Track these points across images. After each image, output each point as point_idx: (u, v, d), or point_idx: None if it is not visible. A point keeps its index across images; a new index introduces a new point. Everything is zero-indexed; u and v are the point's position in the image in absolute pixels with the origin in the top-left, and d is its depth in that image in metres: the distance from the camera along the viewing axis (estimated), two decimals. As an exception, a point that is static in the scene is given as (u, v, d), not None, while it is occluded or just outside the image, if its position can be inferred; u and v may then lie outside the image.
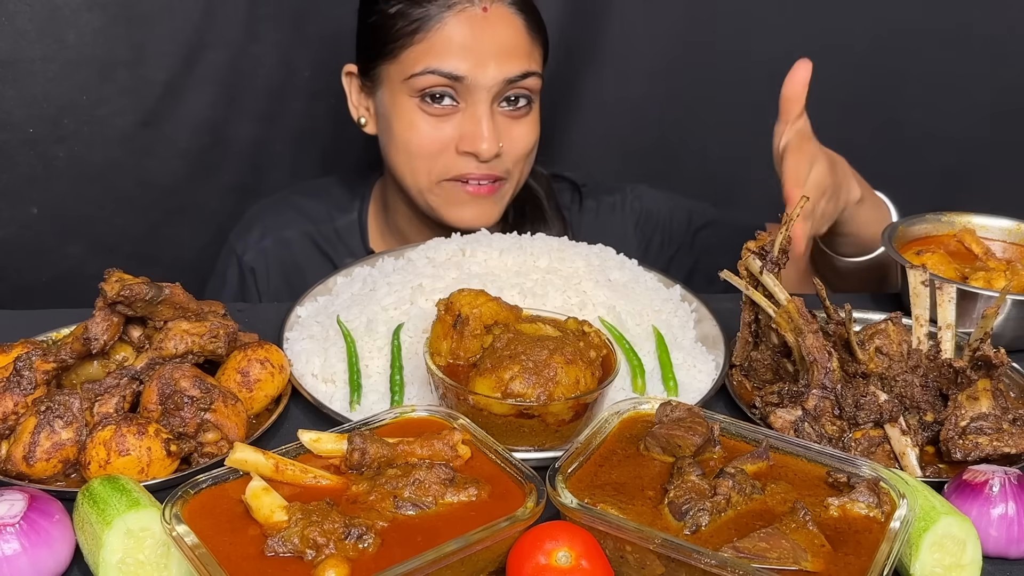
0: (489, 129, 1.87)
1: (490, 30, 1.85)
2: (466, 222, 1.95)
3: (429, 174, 1.93)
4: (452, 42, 1.85)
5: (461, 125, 1.89)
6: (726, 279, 1.45)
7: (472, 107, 1.88)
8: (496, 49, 1.85)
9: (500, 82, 1.86)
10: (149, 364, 1.34)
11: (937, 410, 1.36)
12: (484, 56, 1.85)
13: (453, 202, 1.95)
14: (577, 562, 1.04)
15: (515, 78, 1.88)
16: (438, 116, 1.89)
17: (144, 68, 2.25)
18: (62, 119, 2.23)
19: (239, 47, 2.32)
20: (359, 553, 1.02)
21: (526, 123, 1.95)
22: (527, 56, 1.90)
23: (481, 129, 1.87)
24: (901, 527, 1.08)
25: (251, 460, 1.10)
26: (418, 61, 1.86)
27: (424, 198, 1.97)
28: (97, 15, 2.18)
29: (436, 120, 1.89)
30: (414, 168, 1.94)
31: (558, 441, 1.30)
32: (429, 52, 1.85)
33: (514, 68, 1.87)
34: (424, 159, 1.92)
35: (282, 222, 2.17)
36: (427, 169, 1.93)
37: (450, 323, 1.34)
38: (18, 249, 2.32)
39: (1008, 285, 1.63)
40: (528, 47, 1.90)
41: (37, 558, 1.08)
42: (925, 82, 2.56)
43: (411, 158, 1.93)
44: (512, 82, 1.88)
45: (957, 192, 2.64)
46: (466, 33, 1.85)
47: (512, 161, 1.95)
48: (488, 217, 1.97)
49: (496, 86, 1.86)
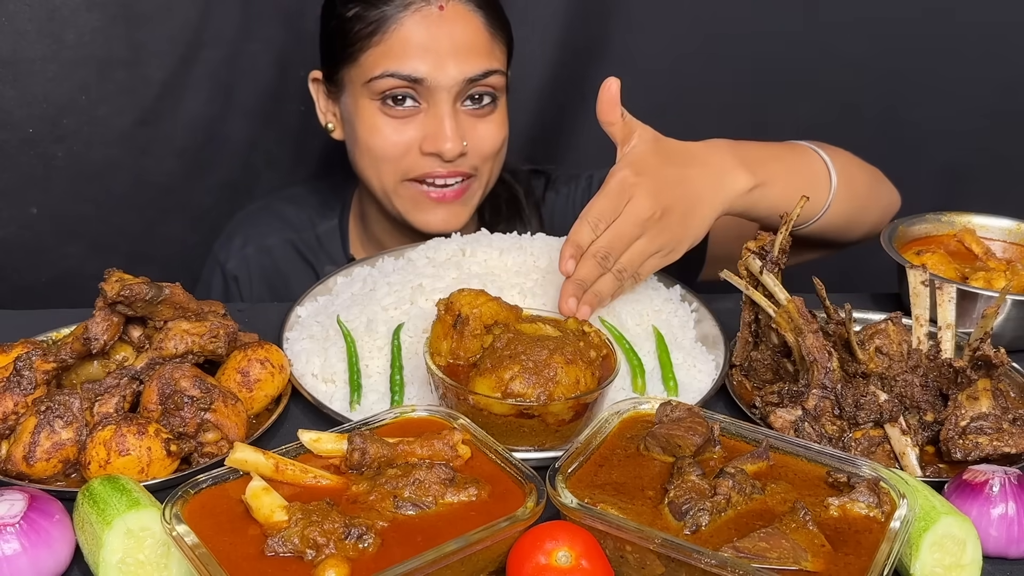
0: (452, 128, 1.85)
1: (447, 29, 1.83)
2: (433, 226, 1.94)
3: (394, 175, 1.92)
4: (409, 43, 1.83)
5: (424, 126, 1.88)
6: (726, 279, 1.46)
7: (434, 107, 1.86)
8: (454, 48, 1.84)
9: (460, 82, 1.85)
10: (149, 364, 1.34)
11: (937, 410, 1.36)
12: (442, 56, 1.83)
13: (419, 207, 1.94)
14: (577, 562, 1.04)
15: (476, 77, 1.86)
16: (400, 118, 1.88)
17: (142, 67, 2.25)
18: (61, 119, 2.23)
19: (236, 46, 2.32)
20: (359, 553, 1.02)
21: (491, 121, 1.93)
22: (487, 54, 1.88)
23: (444, 129, 1.85)
24: (901, 527, 1.08)
25: (251, 460, 1.10)
26: (376, 64, 1.85)
27: (391, 201, 1.95)
28: (96, 15, 2.18)
29: (398, 122, 1.88)
30: (379, 171, 1.93)
31: (558, 441, 1.30)
32: (387, 54, 1.84)
33: (474, 67, 1.85)
34: (388, 162, 1.91)
35: (264, 230, 2.17)
36: (392, 171, 1.91)
37: (450, 323, 1.34)
38: (18, 249, 2.32)
39: (1008, 285, 1.63)
40: (488, 44, 1.88)
41: (37, 558, 1.08)
42: (925, 82, 2.56)
43: (375, 161, 1.92)
44: (473, 81, 1.86)
45: (957, 192, 2.64)
46: (423, 33, 1.83)
47: (480, 159, 1.93)
48: (456, 220, 1.95)
49: (456, 86, 1.85)
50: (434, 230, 1.93)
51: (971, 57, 2.54)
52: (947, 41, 2.53)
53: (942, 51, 2.53)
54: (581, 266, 1.41)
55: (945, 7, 2.50)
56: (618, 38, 2.41)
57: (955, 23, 2.51)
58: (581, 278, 1.41)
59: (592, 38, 2.49)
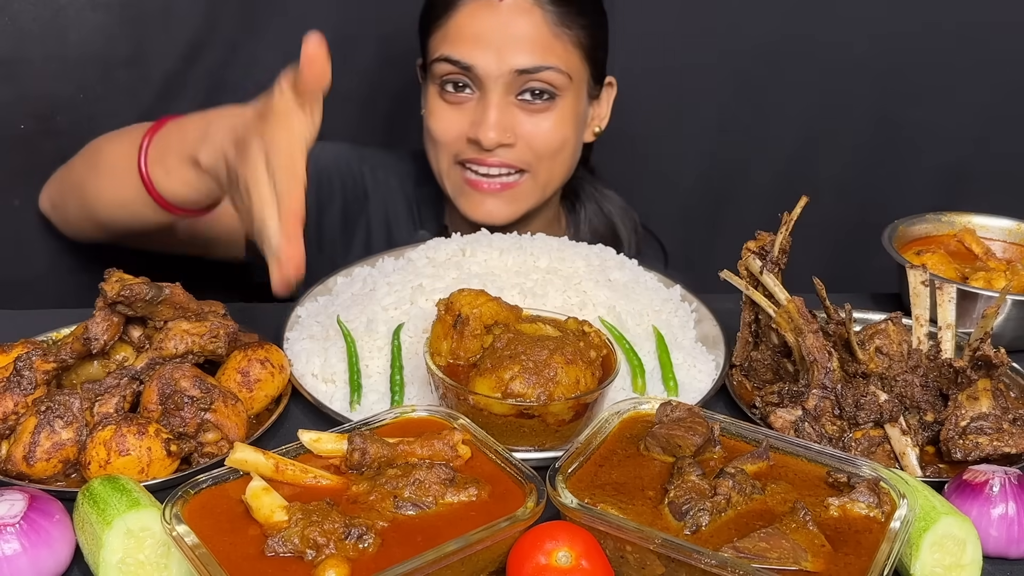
0: (495, 118, 1.87)
1: (504, 19, 1.85)
2: (477, 216, 1.95)
3: (447, 158, 1.96)
4: (464, 30, 1.86)
5: (474, 112, 1.90)
6: (726, 279, 1.46)
7: (484, 95, 1.88)
8: (508, 39, 1.85)
9: (509, 72, 1.85)
10: (149, 364, 1.34)
11: (937, 410, 1.36)
12: (494, 46, 1.85)
13: (464, 194, 1.96)
14: (577, 562, 1.04)
15: (528, 69, 1.86)
16: (455, 104, 1.91)
17: (143, 67, 2.25)
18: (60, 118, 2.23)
19: (238, 46, 2.32)
20: (359, 553, 1.02)
21: (547, 118, 1.92)
22: (545, 49, 1.87)
23: (487, 117, 1.87)
24: (901, 527, 1.08)
25: (251, 460, 1.10)
26: (436, 48, 1.90)
27: (444, 183, 1.99)
28: (101, 14, 2.18)
29: (454, 108, 1.92)
30: (436, 154, 1.97)
31: (558, 441, 1.30)
32: (445, 40, 1.88)
33: (525, 60, 1.86)
34: (444, 146, 1.94)
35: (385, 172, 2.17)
36: (445, 154, 1.95)
37: (450, 323, 1.34)
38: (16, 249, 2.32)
39: (1008, 285, 1.63)
40: (548, 40, 1.88)
41: (37, 558, 1.08)
42: (924, 82, 2.56)
43: (433, 144, 1.96)
44: (525, 73, 1.86)
45: (957, 192, 2.64)
46: (479, 22, 1.85)
47: (531, 155, 1.93)
48: (500, 214, 1.96)
49: (505, 76, 1.86)
50: (478, 219, 1.95)
51: (971, 57, 2.54)
52: (947, 41, 2.53)
53: (942, 51, 2.53)
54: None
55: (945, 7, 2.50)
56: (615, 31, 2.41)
57: (955, 23, 2.51)
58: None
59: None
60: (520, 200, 1.97)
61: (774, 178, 2.67)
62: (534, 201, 1.99)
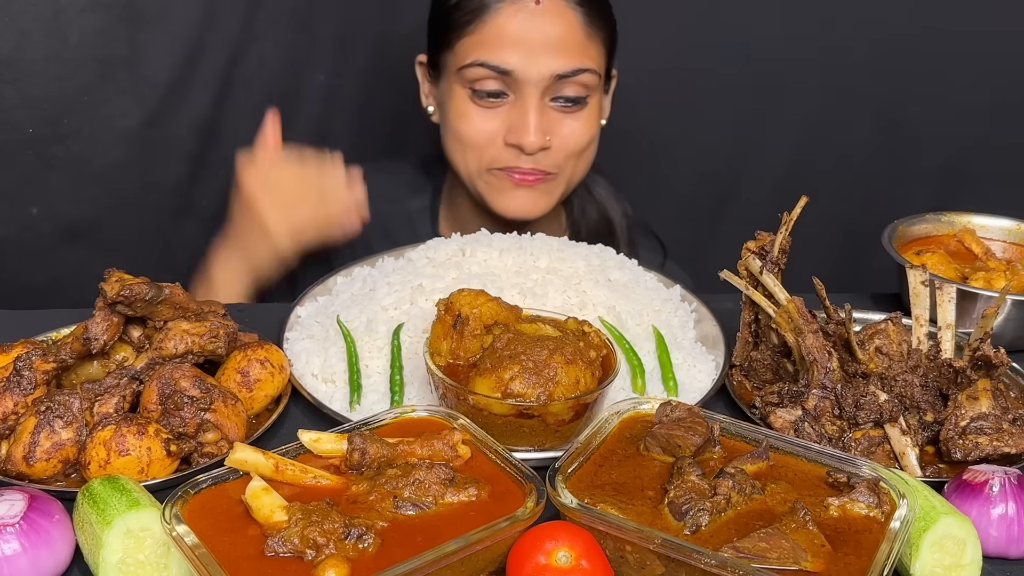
0: (536, 122, 1.87)
1: (541, 23, 1.85)
2: (513, 211, 1.96)
3: (479, 163, 1.95)
4: (502, 35, 1.85)
5: (509, 117, 1.90)
6: (726, 279, 1.46)
7: (521, 100, 1.88)
8: (546, 43, 1.85)
9: (549, 76, 1.86)
10: (149, 364, 1.34)
11: (937, 410, 1.36)
12: (533, 49, 1.84)
13: (500, 190, 1.96)
14: (577, 562, 1.04)
15: (566, 73, 1.87)
16: (488, 107, 1.90)
17: (145, 68, 2.25)
18: (63, 119, 2.23)
19: (241, 47, 2.32)
20: (359, 553, 1.02)
21: (579, 119, 1.93)
22: (580, 51, 1.88)
23: (528, 122, 1.87)
24: (901, 527, 1.08)
25: (251, 460, 1.10)
26: (469, 52, 1.88)
27: (474, 185, 1.99)
28: (101, 15, 2.18)
29: (486, 111, 1.91)
30: (465, 157, 1.96)
31: (558, 441, 1.30)
32: (480, 44, 1.87)
33: (565, 63, 1.86)
34: (474, 149, 1.94)
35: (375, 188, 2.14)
36: (476, 158, 1.95)
37: (450, 323, 1.34)
38: (18, 249, 2.32)
39: (1008, 285, 1.63)
40: (583, 42, 1.89)
41: (37, 558, 1.08)
42: (925, 82, 2.57)
43: (463, 148, 1.95)
44: (563, 77, 1.87)
45: (957, 192, 2.64)
46: (516, 26, 1.85)
47: (563, 156, 1.94)
48: (535, 207, 1.97)
49: (544, 80, 1.86)
50: (513, 215, 1.96)
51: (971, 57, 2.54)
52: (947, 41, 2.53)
53: (942, 51, 2.53)
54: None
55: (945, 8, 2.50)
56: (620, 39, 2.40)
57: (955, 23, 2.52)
58: None
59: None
60: (552, 192, 1.99)
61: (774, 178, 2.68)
62: (562, 194, 2.01)
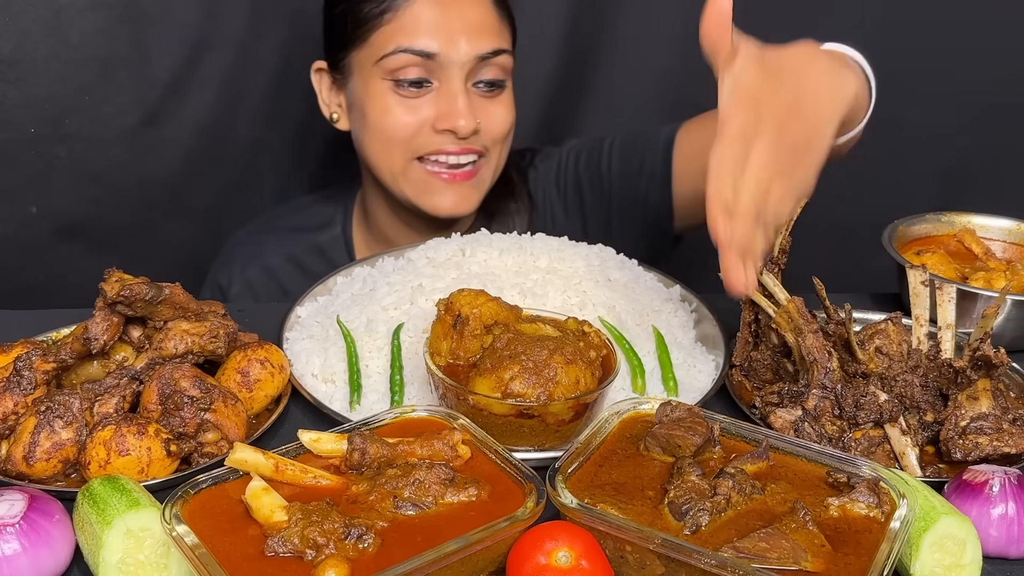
0: (465, 104, 1.86)
1: (458, 7, 1.86)
2: (444, 209, 1.94)
3: (404, 156, 1.92)
4: (421, 20, 1.85)
5: (436, 104, 1.88)
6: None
7: (447, 85, 1.87)
8: (466, 26, 1.86)
9: (472, 58, 1.86)
10: (149, 364, 1.34)
11: (937, 410, 1.36)
12: (454, 33, 1.85)
13: (428, 189, 1.94)
14: (577, 562, 1.04)
15: (487, 55, 1.87)
16: (412, 97, 1.88)
17: (146, 68, 2.26)
18: (64, 119, 2.23)
19: (242, 47, 2.32)
20: (359, 553, 1.02)
21: (501, 103, 1.94)
22: (497, 33, 1.90)
23: (458, 105, 1.86)
24: (901, 527, 1.08)
25: (251, 460, 1.10)
26: (388, 41, 1.86)
27: (399, 185, 1.95)
28: (102, 15, 2.18)
29: (410, 101, 1.89)
30: (389, 153, 1.92)
31: (558, 441, 1.30)
32: (399, 31, 1.85)
33: (485, 44, 1.87)
34: (399, 142, 1.91)
35: (263, 249, 2.15)
36: (402, 152, 1.91)
37: (450, 323, 1.34)
38: (18, 249, 2.32)
39: (1008, 285, 1.63)
40: (497, 25, 1.91)
41: (37, 558, 1.08)
42: (925, 81, 2.56)
43: (387, 143, 1.91)
44: (484, 59, 1.87)
45: (957, 192, 2.64)
46: (435, 11, 1.85)
47: (490, 140, 1.94)
48: (466, 203, 1.95)
49: (468, 63, 1.86)
50: (444, 213, 1.94)
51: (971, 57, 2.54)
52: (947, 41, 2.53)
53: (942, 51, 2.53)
54: (737, 228, 1.20)
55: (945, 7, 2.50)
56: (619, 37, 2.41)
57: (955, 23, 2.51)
58: (742, 241, 1.20)
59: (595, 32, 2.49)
60: (481, 186, 1.98)
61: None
62: (489, 185, 2.00)
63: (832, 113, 1.31)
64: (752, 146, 1.22)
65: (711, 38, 1.28)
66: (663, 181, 2.01)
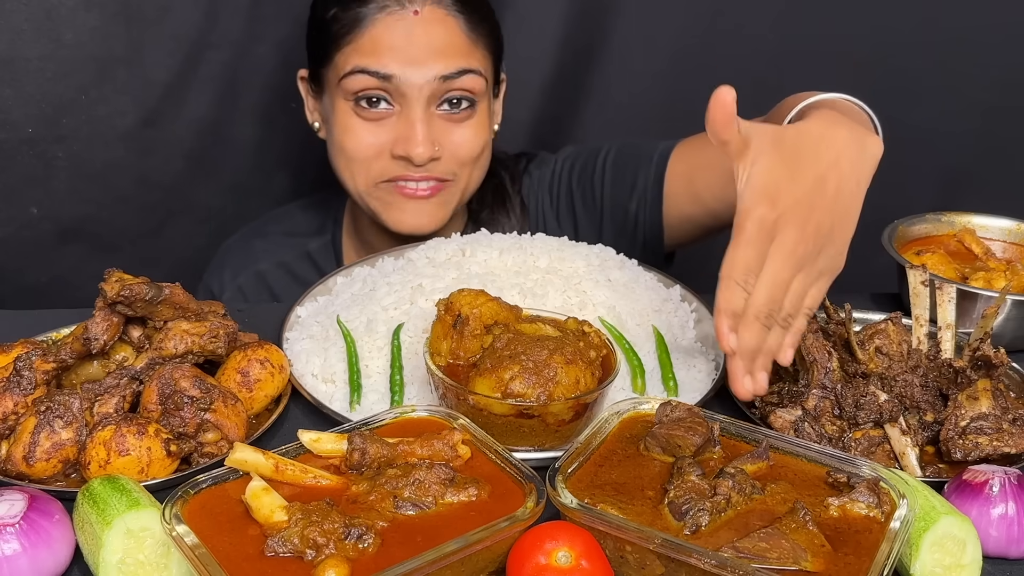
0: (423, 132, 1.82)
1: (421, 29, 1.81)
2: (407, 226, 1.91)
3: (367, 177, 1.89)
4: (381, 42, 1.81)
5: (396, 128, 1.85)
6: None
7: (407, 109, 1.83)
8: (428, 48, 1.81)
9: (432, 80, 1.81)
10: (149, 364, 1.34)
11: (937, 410, 1.36)
12: (415, 55, 1.80)
13: (391, 205, 1.91)
14: (577, 562, 1.04)
15: (450, 75, 1.82)
16: (373, 120, 1.85)
17: (144, 68, 2.25)
18: (61, 119, 2.23)
19: (241, 47, 2.31)
20: (359, 553, 1.02)
21: (469, 126, 1.89)
22: (463, 54, 1.84)
23: (415, 132, 1.82)
24: (901, 527, 1.08)
25: (251, 460, 1.10)
26: (348, 61, 1.83)
27: (365, 202, 1.93)
28: (95, 14, 2.18)
29: (371, 124, 1.85)
30: (353, 173, 1.90)
31: (558, 441, 1.30)
32: (358, 51, 1.82)
33: (448, 65, 1.82)
34: (360, 163, 1.88)
35: (254, 257, 2.14)
36: (364, 172, 1.89)
37: (450, 323, 1.34)
38: (17, 249, 2.32)
39: (1008, 285, 1.63)
40: (466, 46, 1.85)
41: (37, 558, 1.08)
42: (925, 82, 2.56)
43: (349, 162, 1.89)
44: (448, 79, 1.82)
45: (957, 192, 2.64)
46: (396, 33, 1.81)
47: (456, 164, 1.90)
48: (431, 221, 1.92)
49: (428, 85, 1.82)
50: (407, 230, 1.90)
51: (971, 56, 2.54)
52: (947, 40, 2.53)
53: (942, 51, 2.53)
54: (744, 334, 1.19)
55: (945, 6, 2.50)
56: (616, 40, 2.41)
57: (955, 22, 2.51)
58: (748, 348, 1.21)
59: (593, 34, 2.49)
60: (446, 206, 1.94)
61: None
62: (455, 205, 1.96)
63: (858, 186, 1.26)
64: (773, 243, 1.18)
65: (718, 132, 1.22)
66: (653, 202, 1.98)
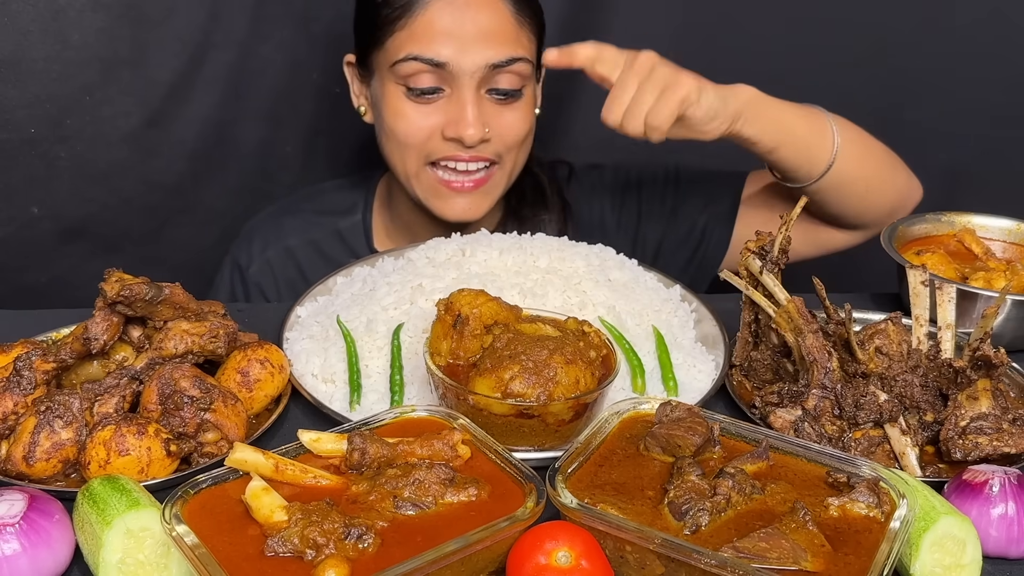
0: (474, 115, 1.86)
1: (472, 15, 1.84)
2: (454, 214, 1.95)
3: (416, 160, 1.93)
4: (433, 28, 1.84)
5: (447, 111, 1.88)
6: (726, 279, 1.46)
7: (457, 92, 1.86)
8: (479, 34, 1.84)
9: (483, 67, 1.85)
10: (149, 364, 1.34)
11: (937, 410, 1.36)
12: (466, 41, 1.83)
13: (438, 195, 1.95)
14: (577, 562, 1.04)
15: (500, 63, 1.86)
16: (424, 103, 1.88)
17: (149, 68, 2.25)
18: (64, 119, 2.23)
19: (246, 47, 2.31)
20: (359, 553, 1.02)
21: (517, 109, 1.93)
22: (513, 41, 1.88)
23: (466, 115, 1.85)
24: (901, 527, 1.08)
25: (251, 460, 1.10)
26: (401, 48, 1.86)
27: (412, 186, 1.97)
28: (102, 15, 2.18)
29: (422, 107, 1.89)
30: (403, 155, 1.94)
31: (558, 441, 1.30)
32: (411, 38, 1.85)
33: (498, 53, 1.85)
34: (411, 147, 1.92)
35: (284, 232, 2.16)
36: (415, 156, 1.92)
37: (450, 323, 1.34)
38: (20, 250, 2.32)
39: (1008, 285, 1.63)
40: (514, 32, 1.88)
41: (37, 558, 1.08)
42: (925, 81, 2.56)
43: (400, 146, 1.93)
44: (498, 67, 1.86)
45: (957, 192, 2.64)
46: (448, 19, 1.83)
47: (503, 147, 1.93)
48: (477, 209, 1.96)
49: (480, 71, 1.85)
50: (455, 218, 1.95)
51: (971, 57, 2.54)
52: (947, 41, 2.52)
53: (942, 51, 2.53)
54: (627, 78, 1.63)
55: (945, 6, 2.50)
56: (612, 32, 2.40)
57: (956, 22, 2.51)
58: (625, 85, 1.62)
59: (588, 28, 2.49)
60: (492, 192, 1.98)
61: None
62: (502, 190, 2.00)
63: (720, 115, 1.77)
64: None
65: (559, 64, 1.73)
66: (727, 217, 2.08)
